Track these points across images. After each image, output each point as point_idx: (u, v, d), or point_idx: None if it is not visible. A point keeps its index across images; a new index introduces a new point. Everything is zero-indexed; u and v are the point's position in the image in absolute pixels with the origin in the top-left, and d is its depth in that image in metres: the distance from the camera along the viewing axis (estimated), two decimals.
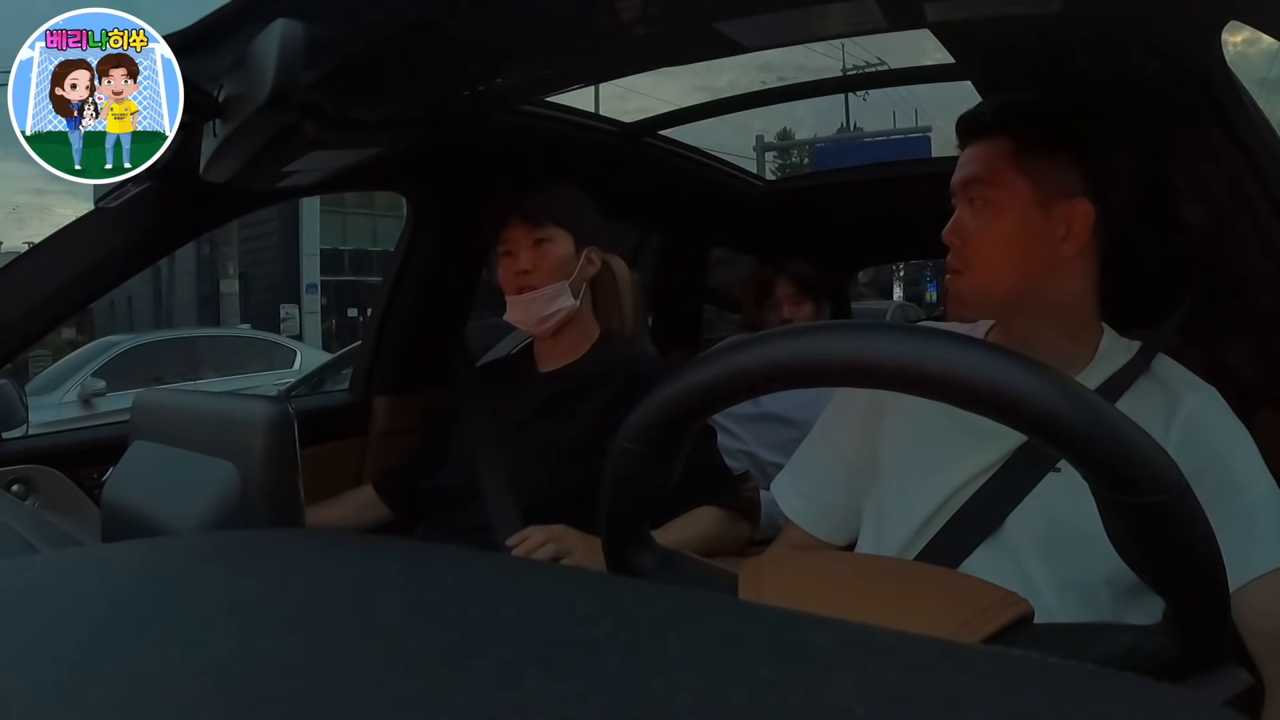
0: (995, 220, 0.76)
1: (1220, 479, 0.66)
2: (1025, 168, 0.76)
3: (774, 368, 0.48)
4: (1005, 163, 0.76)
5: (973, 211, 0.78)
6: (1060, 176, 0.76)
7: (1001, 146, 0.77)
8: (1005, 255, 0.76)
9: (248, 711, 0.22)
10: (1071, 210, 0.75)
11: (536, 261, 1.17)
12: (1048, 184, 0.75)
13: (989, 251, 0.77)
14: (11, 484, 1.15)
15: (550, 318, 1.18)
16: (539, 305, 1.17)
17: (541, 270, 1.17)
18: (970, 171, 0.78)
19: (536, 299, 1.17)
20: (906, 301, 11.28)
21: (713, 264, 2.40)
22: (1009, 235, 0.76)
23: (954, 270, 0.79)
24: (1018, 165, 0.76)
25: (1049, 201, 0.75)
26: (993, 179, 0.77)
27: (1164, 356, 0.78)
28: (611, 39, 0.85)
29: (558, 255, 1.18)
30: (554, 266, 1.18)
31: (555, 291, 1.17)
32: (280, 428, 0.51)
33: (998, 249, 0.76)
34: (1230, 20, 0.79)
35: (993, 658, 0.27)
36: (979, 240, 0.77)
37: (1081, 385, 0.45)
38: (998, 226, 0.76)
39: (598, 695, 0.21)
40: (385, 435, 1.53)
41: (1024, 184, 0.76)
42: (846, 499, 0.84)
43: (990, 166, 0.77)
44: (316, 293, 14.56)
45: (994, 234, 0.76)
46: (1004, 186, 0.76)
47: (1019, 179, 0.76)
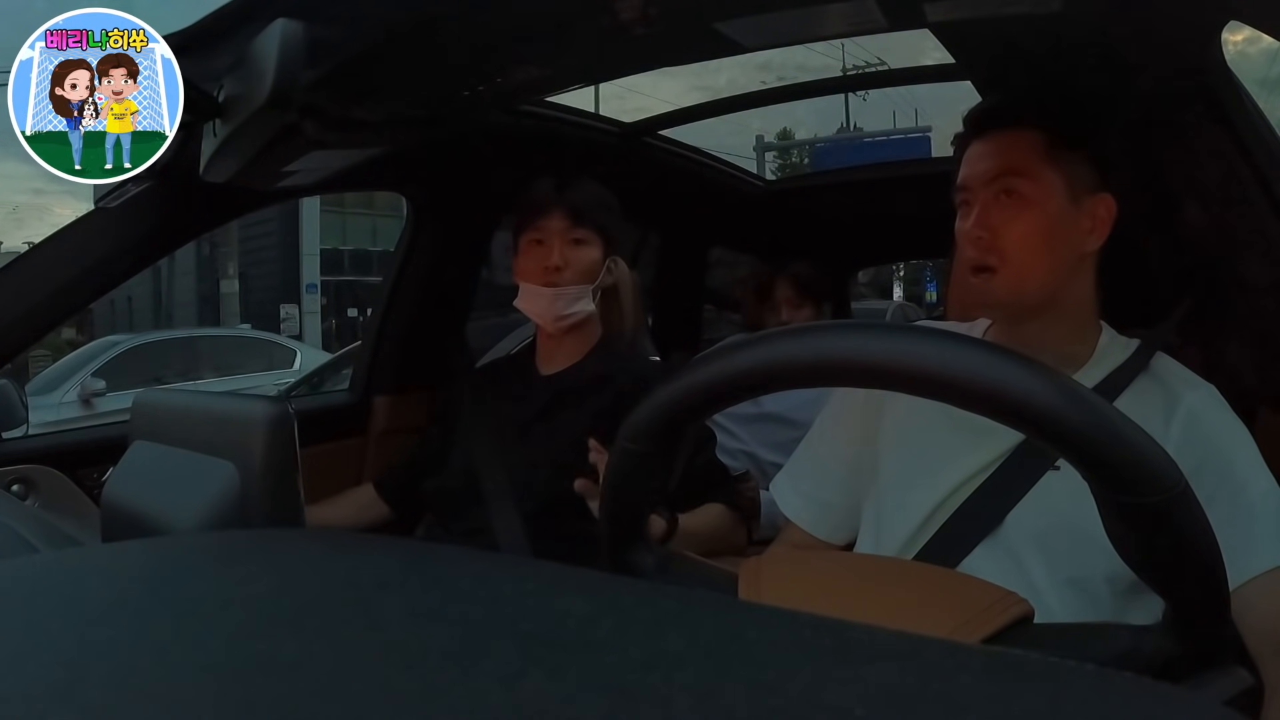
0: (1028, 213, 0.74)
1: (1220, 477, 0.66)
2: (1057, 161, 0.74)
3: (773, 368, 0.48)
4: (1038, 155, 0.74)
5: (1000, 205, 0.74)
6: (1085, 171, 0.75)
7: (1031, 139, 0.75)
8: (1042, 250, 0.73)
9: (248, 711, 0.21)
10: (1096, 205, 0.75)
11: (571, 260, 1.15)
12: (1076, 178, 0.74)
13: (1025, 247, 0.73)
14: (11, 484, 1.15)
15: (568, 318, 1.17)
16: (562, 303, 1.16)
17: (573, 270, 1.15)
18: (999, 163, 0.75)
19: (562, 296, 1.15)
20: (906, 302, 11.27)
21: (713, 264, 2.40)
22: (1045, 230, 0.73)
23: (985, 268, 0.75)
24: (1050, 159, 0.74)
25: (1078, 196, 0.74)
26: (1027, 171, 0.74)
27: (1163, 354, 0.78)
28: (611, 39, 0.85)
29: (590, 258, 1.17)
30: (585, 269, 1.16)
31: (579, 294, 1.16)
32: (280, 428, 0.51)
33: (1034, 244, 0.73)
34: (1230, 20, 0.79)
35: (993, 658, 0.27)
36: (1011, 235, 0.74)
37: (1082, 385, 0.45)
38: (1032, 220, 0.73)
39: (598, 695, 0.21)
40: (385, 435, 1.53)
41: (1057, 178, 0.74)
42: (845, 498, 0.84)
43: (1023, 159, 0.75)
44: (316, 293, 14.55)
45: (1029, 228, 0.73)
46: (1038, 179, 0.74)
47: (1052, 172, 0.74)
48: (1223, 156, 0.95)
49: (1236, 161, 0.94)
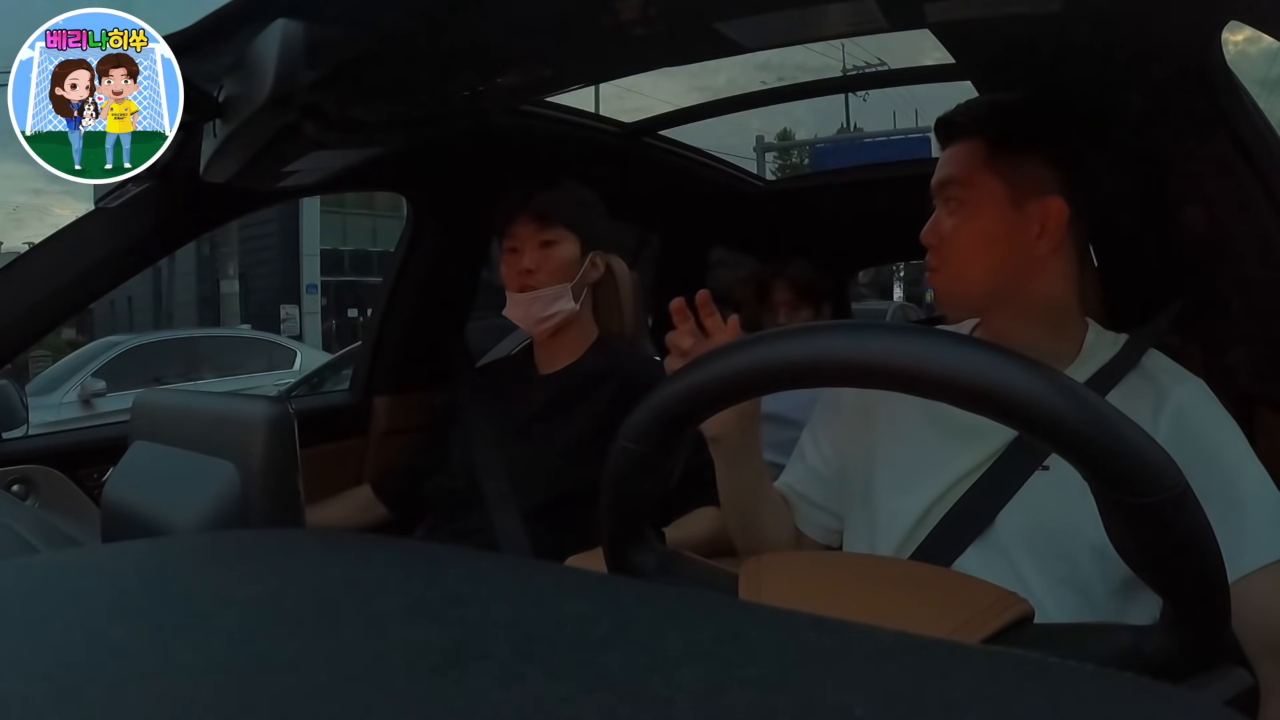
0: (969, 220, 0.78)
1: (1210, 471, 0.65)
2: (998, 168, 0.77)
3: (773, 368, 0.48)
4: (979, 163, 0.78)
5: (948, 211, 0.80)
6: (1033, 175, 0.77)
7: (975, 148, 0.79)
8: (979, 253, 0.78)
9: (248, 711, 0.21)
10: (1045, 208, 0.76)
11: (541, 262, 1.16)
12: (1020, 183, 0.77)
13: (963, 250, 0.78)
14: (11, 484, 1.15)
15: (549, 319, 1.17)
16: (539, 306, 1.16)
17: (545, 271, 1.16)
18: (946, 173, 0.80)
19: (537, 299, 1.16)
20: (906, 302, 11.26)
21: (713, 264, 2.39)
22: (982, 234, 0.78)
23: (931, 269, 0.81)
24: (991, 166, 0.77)
25: (1022, 200, 0.77)
26: (967, 180, 0.78)
27: (1154, 351, 0.78)
28: (611, 39, 0.85)
29: (563, 257, 1.17)
30: (558, 268, 1.17)
31: (556, 294, 1.17)
32: (280, 428, 0.51)
33: (971, 248, 0.78)
34: (1230, 20, 0.80)
35: (993, 658, 0.27)
36: (954, 240, 0.79)
37: (1082, 386, 0.45)
38: (972, 226, 0.78)
39: (598, 695, 0.21)
40: (385, 435, 1.53)
41: (996, 184, 0.77)
42: (830, 500, 0.85)
43: (964, 168, 0.79)
44: (317, 293, 14.56)
45: (968, 233, 0.78)
46: (977, 187, 0.78)
47: (991, 179, 0.77)
48: (1222, 157, 0.95)
49: (1236, 162, 0.94)
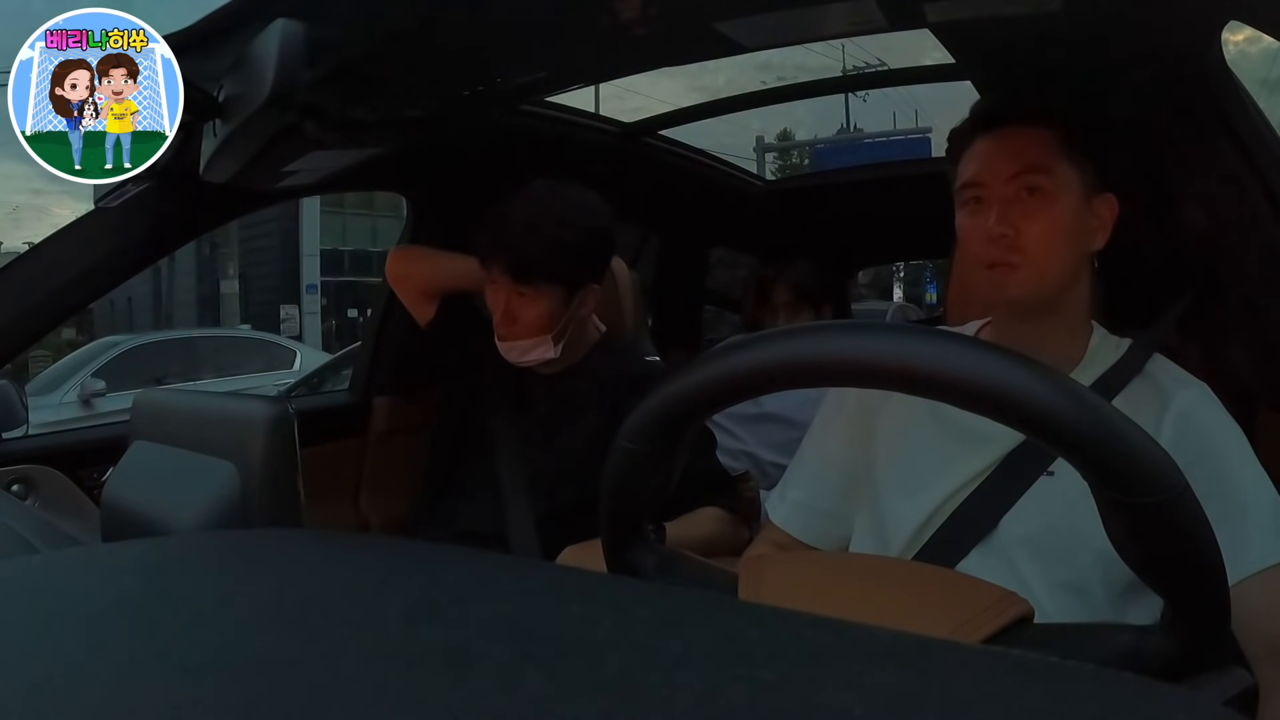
0: (1050, 209, 0.74)
1: (1213, 475, 0.65)
2: (1072, 159, 0.75)
3: (773, 368, 0.48)
4: (1055, 152, 0.75)
5: (1022, 202, 0.74)
6: (1092, 171, 0.76)
7: (1046, 137, 0.75)
8: (1062, 246, 0.74)
9: (247, 711, 0.21)
10: (1104, 204, 0.76)
11: (519, 313, 1.11)
12: (1087, 177, 0.75)
13: (1047, 242, 0.73)
14: (11, 484, 1.15)
15: (528, 362, 1.14)
16: (515, 354, 1.13)
17: (522, 324, 1.11)
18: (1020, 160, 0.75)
19: (513, 349, 1.13)
20: (906, 302, 11.26)
21: (713, 264, 2.40)
22: (1066, 226, 0.74)
23: (1006, 264, 0.74)
24: (1066, 156, 0.75)
25: (1090, 195, 0.75)
26: (1048, 168, 0.74)
27: (1158, 356, 0.78)
28: (611, 39, 0.85)
29: (541, 311, 1.11)
30: (534, 321, 1.11)
31: (532, 345, 1.12)
32: (280, 428, 0.51)
33: (1055, 240, 0.73)
34: (1230, 20, 0.80)
35: (993, 658, 0.27)
36: (1032, 231, 0.73)
37: (1083, 386, 0.45)
38: (1053, 216, 0.74)
39: (598, 695, 0.21)
40: (385, 435, 1.53)
41: (1074, 175, 0.74)
42: (836, 505, 0.84)
43: (1044, 155, 0.75)
44: (316, 293, 14.55)
45: (1051, 223, 0.73)
46: (1057, 175, 0.74)
47: (1069, 169, 0.74)
48: (1222, 157, 0.95)
49: (1236, 162, 0.94)
